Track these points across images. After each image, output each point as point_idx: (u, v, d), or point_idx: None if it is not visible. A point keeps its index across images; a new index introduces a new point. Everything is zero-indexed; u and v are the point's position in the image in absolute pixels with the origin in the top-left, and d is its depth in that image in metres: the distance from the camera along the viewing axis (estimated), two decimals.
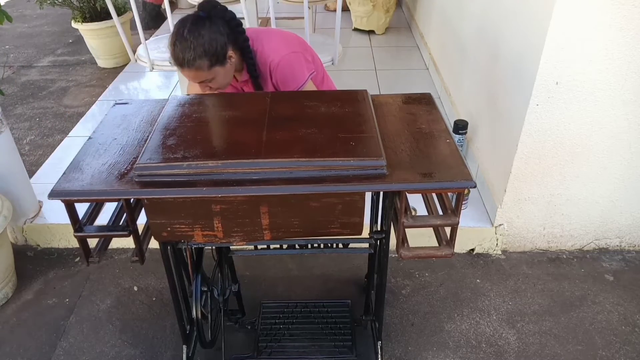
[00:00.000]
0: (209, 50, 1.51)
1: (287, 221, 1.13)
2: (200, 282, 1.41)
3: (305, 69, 1.70)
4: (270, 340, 1.69)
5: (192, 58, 1.49)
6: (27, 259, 2.10)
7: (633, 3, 1.50)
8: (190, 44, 1.49)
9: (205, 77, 1.56)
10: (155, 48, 2.52)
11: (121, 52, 3.71)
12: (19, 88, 3.53)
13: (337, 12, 2.40)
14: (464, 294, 1.91)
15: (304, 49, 1.75)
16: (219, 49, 1.53)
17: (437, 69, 3.16)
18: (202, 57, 1.50)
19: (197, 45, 1.49)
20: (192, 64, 1.51)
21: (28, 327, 1.80)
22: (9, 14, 1.92)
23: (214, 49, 1.51)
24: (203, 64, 1.51)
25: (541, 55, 1.60)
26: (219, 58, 1.54)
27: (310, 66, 1.72)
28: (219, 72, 1.57)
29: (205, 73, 1.54)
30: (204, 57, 1.50)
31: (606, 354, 1.69)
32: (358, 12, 3.99)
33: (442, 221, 1.11)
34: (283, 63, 1.66)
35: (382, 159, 1.07)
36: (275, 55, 1.66)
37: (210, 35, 1.51)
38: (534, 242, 2.09)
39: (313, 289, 1.94)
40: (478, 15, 2.31)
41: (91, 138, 1.24)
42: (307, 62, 1.72)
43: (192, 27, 1.50)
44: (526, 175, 1.88)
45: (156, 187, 1.06)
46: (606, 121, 1.74)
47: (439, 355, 1.69)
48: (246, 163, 1.07)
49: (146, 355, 1.70)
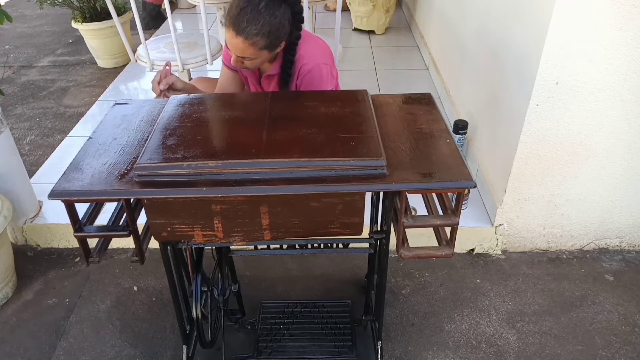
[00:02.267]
0: (272, 33, 1.47)
1: (287, 221, 1.13)
2: (200, 282, 1.41)
3: (330, 84, 1.70)
4: (270, 340, 1.69)
5: (255, 32, 1.45)
6: (27, 259, 2.10)
7: (633, 3, 1.50)
8: (261, 18, 1.44)
9: (251, 54, 1.52)
10: (155, 48, 2.52)
11: (121, 52, 3.71)
12: (19, 88, 3.53)
13: (337, 12, 2.40)
14: (464, 294, 1.91)
15: (332, 63, 1.74)
16: (280, 36, 1.50)
17: (437, 69, 3.16)
18: (264, 36, 1.46)
19: (266, 23, 1.45)
20: (250, 37, 1.46)
21: (28, 327, 1.80)
22: (9, 14, 1.92)
23: (276, 34, 1.49)
24: (260, 42, 1.48)
25: (541, 55, 1.60)
26: (274, 44, 1.51)
27: (333, 82, 1.73)
28: (264, 56, 1.54)
29: (254, 51, 1.50)
30: (265, 37, 1.47)
31: (606, 354, 1.69)
32: (358, 12, 3.99)
33: (442, 221, 1.11)
34: (315, 71, 1.65)
35: (382, 159, 1.07)
36: (309, 60, 1.64)
37: (281, 20, 1.48)
38: (534, 242, 2.09)
39: (313, 289, 1.94)
40: (478, 15, 2.31)
41: (91, 138, 1.24)
42: (332, 77, 1.71)
43: (271, 3, 1.45)
44: (526, 175, 1.88)
45: (156, 187, 1.06)
46: (606, 121, 1.74)
47: (439, 355, 1.69)
48: (246, 163, 1.07)
49: (146, 355, 1.70)
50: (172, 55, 2.40)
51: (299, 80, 1.67)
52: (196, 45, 2.55)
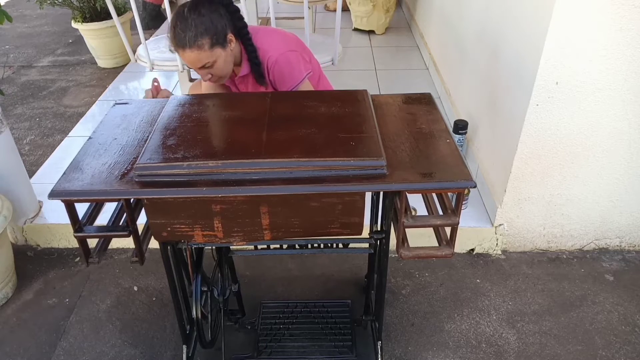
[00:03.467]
0: (210, 28, 1.50)
1: (287, 221, 1.13)
2: (200, 282, 1.41)
3: (303, 68, 1.69)
4: (270, 340, 1.69)
5: (193, 35, 1.49)
6: (27, 259, 2.10)
7: (633, 3, 1.50)
8: (191, 21, 1.48)
9: (207, 58, 1.54)
10: (155, 48, 2.52)
11: (121, 52, 3.71)
12: (19, 88, 3.53)
13: (337, 12, 2.40)
14: (464, 294, 1.91)
15: (302, 49, 1.74)
16: (219, 28, 1.52)
17: (437, 69, 3.16)
18: (204, 34, 1.50)
19: (199, 23, 1.49)
20: (193, 43, 1.50)
21: (28, 327, 1.80)
22: (9, 14, 1.92)
23: (214, 28, 1.51)
24: (204, 42, 1.50)
25: (541, 55, 1.60)
26: (220, 38, 1.53)
27: (307, 66, 1.72)
28: (220, 55, 1.56)
29: (206, 54, 1.53)
30: (205, 35, 1.50)
31: (606, 354, 1.69)
32: (358, 12, 3.99)
33: (442, 221, 1.11)
34: (281, 60, 1.65)
35: (382, 159, 1.07)
36: (273, 52, 1.65)
37: (210, 15, 1.51)
38: (534, 242, 2.09)
39: (313, 289, 1.94)
40: (478, 15, 2.31)
41: (91, 138, 1.24)
42: (304, 61, 1.71)
43: (192, 6, 1.50)
44: (526, 175, 1.88)
45: (156, 187, 1.06)
46: (606, 121, 1.74)
47: (439, 355, 1.69)
48: (246, 163, 1.07)
49: (146, 355, 1.70)
50: (172, 55, 2.40)
51: (270, 74, 1.68)
52: None
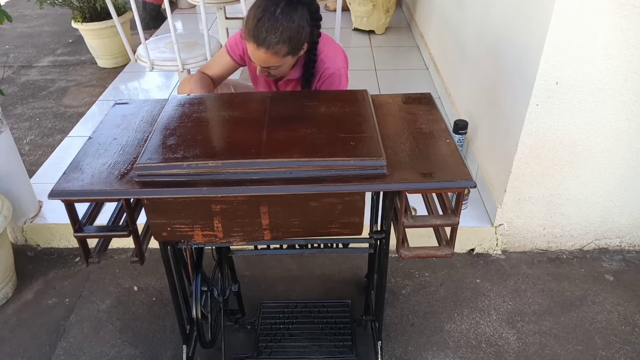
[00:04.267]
0: (293, 38, 1.45)
1: (287, 221, 1.13)
2: (200, 282, 1.41)
3: (345, 87, 1.72)
4: (270, 340, 1.69)
5: (275, 41, 1.43)
6: (27, 259, 2.10)
7: (633, 3, 1.50)
8: (280, 25, 1.41)
9: (276, 63, 1.50)
10: (155, 48, 2.52)
11: (121, 52, 3.71)
12: (19, 88, 3.53)
13: (337, 12, 2.40)
14: (464, 294, 1.91)
15: (347, 66, 1.75)
16: (302, 38, 1.48)
17: (437, 69, 3.16)
18: (286, 43, 1.44)
19: (286, 29, 1.42)
20: (272, 47, 1.44)
21: (28, 327, 1.80)
22: (9, 14, 1.92)
23: (297, 38, 1.46)
24: (282, 50, 1.45)
25: (541, 55, 1.60)
26: (297, 48, 1.49)
27: (347, 84, 1.75)
28: (288, 62, 1.53)
29: (277, 59, 1.48)
30: (287, 43, 1.45)
31: (606, 354, 1.69)
32: (358, 12, 3.98)
33: (442, 221, 1.11)
34: (336, 75, 1.66)
35: (382, 159, 1.07)
36: (332, 64, 1.65)
37: (299, 22, 1.45)
38: (534, 242, 2.09)
39: (313, 289, 1.94)
40: (478, 15, 2.31)
41: (91, 138, 1.24)
42: (346, 80, 1.73)
43: (286, 9, 1.42)
44: (526, 175, 1.88)
45: (156, 187, 1.06)
46: (606, 121, 1.74)
47: (439, 355, 1.69)
48: (246, 163, 1.07)
49: (146, 355, 1.70)
50: (172, 55, 2.40)
51: (320, 82, 1.68)
52: (196, 45, 2.55)
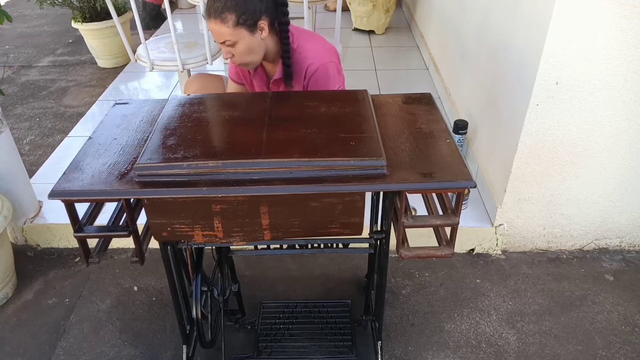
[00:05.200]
0: (240, 5, 1.48)
1: (287, 221, 1.13)
2: (200, 282, 1.41)
3: (337, 82, 1.70)
4: (270, 340, 1.69)
5: (220, 7, 1.47)
6: (27, 259, 2.10)
7: (633, 3, 1.50)
8: None
9: (228, 36, 1.51)
10: (155, 48, 2.52)
11: (121, 52, 3.71)
12: (19, 88, 3.53)
13: (337, 12, 2.40)
14: (464, 294, 1.91)
15: (338, 60, 1.74)
16: (251, 9, 1.50)
17: (437, 69, 3.16)
18: (231, 10, 1.47)
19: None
20: (217, 14, 1.48)
21: (28, 327, 1.80)
22: (9, 14, 1.92)
23: (245, 7, 1.48)
24: (229, 17, 1.48)
25: (541, 55, 1.60)
26: (248, 20, 1.50)
27: (340, 79, 1.73)
28: (244, 37, 1.53)
29: (228, 30, 1.50)
30: (233, 11, 1.47)
31: (606, 354, 1.69)
32: (358, 12, 3.99)
33: (442, 221, 1.11)
34: (321, 70, 1.65)
35: (382, 159, 1.07)
36: (316, 59, 1.64)
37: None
38: (534, 242, 2.09)
39: (313, 289, 1.94)
40: (478, 15, 2.31)
41: (91, 138, 1.24)
42: (339, 74, 1.72)
43: None
44: (526, 175, 1.88)
45: (156, 187, 1.06)
46: (606, 121, 1.74)
47: (439, 355, 1.69)
48: (246, 163, 1.07)
49: (146, 355, 1.70)
50: (172, 55, 2.40)
51: (306, 81, 1.67)
52: (196, 45, 2.55)
